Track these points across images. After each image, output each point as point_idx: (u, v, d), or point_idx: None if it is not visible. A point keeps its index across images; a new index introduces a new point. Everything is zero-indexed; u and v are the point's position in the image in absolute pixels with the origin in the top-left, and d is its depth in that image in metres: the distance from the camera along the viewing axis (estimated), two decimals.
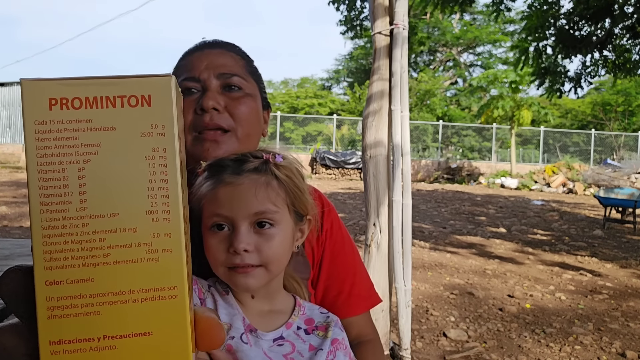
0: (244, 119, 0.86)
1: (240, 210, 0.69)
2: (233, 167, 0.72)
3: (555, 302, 3.66)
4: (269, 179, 0.72)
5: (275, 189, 0.72)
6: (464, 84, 31.86)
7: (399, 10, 2.45)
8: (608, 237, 6.74)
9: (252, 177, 0.71)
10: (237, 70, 0.88)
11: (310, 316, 0.77)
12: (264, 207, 0.70)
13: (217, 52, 0.89)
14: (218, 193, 0.71)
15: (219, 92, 0.85)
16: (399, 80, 2.43)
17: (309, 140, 21.92)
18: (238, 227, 0.69)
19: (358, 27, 8.76)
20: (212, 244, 0.71)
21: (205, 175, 0.74)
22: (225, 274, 0.71)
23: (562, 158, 19.54)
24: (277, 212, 0.72)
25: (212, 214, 0.71)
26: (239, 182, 0.70)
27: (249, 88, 0.89)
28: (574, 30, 7.59)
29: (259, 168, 0.72)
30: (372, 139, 2.53)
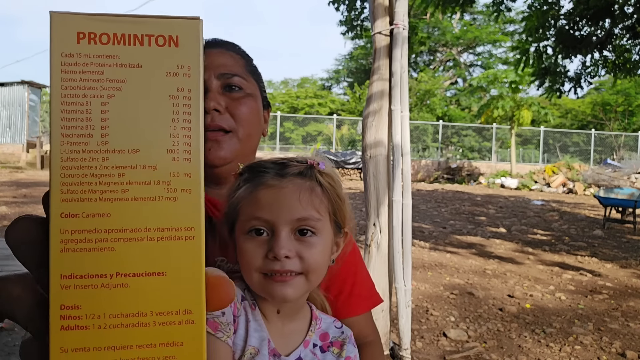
0: (245, 119, 0.85)
1: (283, 214, 0.66)
2: (276, 170, 0.69)
3: (555, 302, 3.66)
4: (313, 185, 0.69)
5: (319, 195, 0.69)
6: (464, 84, 31.86)
7: (399, 10, 2.45)
8: (608, 237, 6.74)
9: (296, 182, 0.68)
10: (237, 70, 0.87)
11: (325, 330, 0.75)
12: (307, 213, 0.67)
13: (217, 51, 0.88)
14: (259, 195, 0.67)
15: (219, 92, 0.85)
16: (399, 80, 2.43)
17: (309, 140, 21.92)
18: (279, 232, 0.66)
19: (358, 27, 8.77)
20: (249, 249, 0.67)
21: (244, 177, 0.71)
22: (260, 281, 0.67)
23: (562, 158, 19.54)
24: (320, 220, 0.69)
25: (250, 217, 0.67)
26: (283, 185, 0.67)
27: (249, 88, 0.88)
28: (574, 30, 7.59)
29: (304, 172, 0.70)
30: (372, 139, 2.53)
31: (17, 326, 2.70)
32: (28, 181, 10.79)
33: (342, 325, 0.78)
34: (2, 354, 2.38)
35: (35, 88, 17.37)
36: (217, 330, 0.63)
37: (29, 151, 16.45)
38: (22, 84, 16.88)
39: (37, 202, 7.48)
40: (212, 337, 0.63)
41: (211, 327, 0.63)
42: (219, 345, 0.63)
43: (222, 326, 0.64)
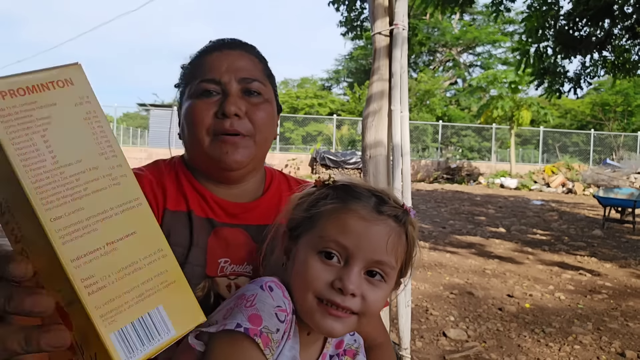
0: (263, 125, 0.85)
1: (365, 251, 0.64)
2: (374, 203, 0.66)
3: (554, 302, 3.67)
4: (401, 232, 0.67)
5: (403, 245, 0.68)
6: (463, 84, 31.87)
7: (398, 10, 2.46)
8: (607, 237, 6.75)
9: (390, 223, 0.66)
10: (256, 74, 0.87)
11: (341, 338, 0.75)
12: (387, 258, 0.65)
13: (237, 53, 0.87)
14: (349, 221, 0.65)
15: (239, 96, 0.84)
16: (399, 81, 2.44)
17: (309, 141, 21.92)
18: (352, 267, 0.64)
19: (358, 27, 8.77)
20: (316, 268, 0.64)
21: (335, 193, 0.69)
22: (313, 305, 0.64)
23: (562, 158, 19.55)
24: (394, 268, 0.67)
25: (330, 238, 0.65)
26: (376, 222, 0.65)
27: (267, 93, 0.87)
28: (573, 30, 7.60)
29: (399, 217, 0.67)
30: (372, 139, 2.54)
31: None
32: None
33: (354, 333, 0.77)
34: None
35: None
36: (266, 346, 0.60)
37: None
38: None
39: None
40: (259, 352, 0.59)
41: (263, 342, 0.59)
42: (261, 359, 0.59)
43: (272, 343, 0.61)
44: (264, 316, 0.61)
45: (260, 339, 0.59)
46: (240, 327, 0.58)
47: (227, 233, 0.84)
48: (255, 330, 0.59)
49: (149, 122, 22.43)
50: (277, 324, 0.62)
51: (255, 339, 0.58)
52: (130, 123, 33.71)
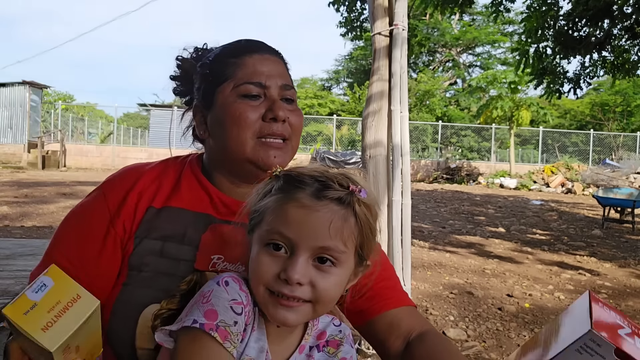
0: (298, 131, 0.90)
1: (307, 239, 0.63)
2: (314, 189, 0.65)
3: (554, 302, 3.67)
4: (347, 215, 0.65)
5: (351, 227, 0.66)
6: (463, 85, 31.88)
7: (398, 11, 2.46)
8: (607, 236, 6.75)
9: (332, 208, 0.64)
10: (291, 82, 0.91)
11: (323, 329, 0.74)
12: (332, 243, 0.64)
13: (275, 59, 0.90)
14: (289, 211, 0.64)
15: (281, 102, 0.87)
16: (399, 81, 2.45)
17: (309, 141, 21.92)
18: (297, 256, 0.63)
19: (358, 28, 8.78)
20: (263, 262, 0.65)
21: (279, 185, 0.68)
22: (265, 297, 0.65)
23: (561, 158, 19.56)
24: (344, 252, 0.65)
25: (274, 230, 0.65)
26: (316, 209, 0.64)
27: (296, 100, 0.91)
28: (573, 31, 7.61)
29: (342, 199, 0.65)
30: (372, 139, 2.54)
31: None
32: (29, 181, 10.80)
33: (340, 324, 0.76)
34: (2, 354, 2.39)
35: (36, 88, 17.37)
36: (225, 339, 0.61)
37: (30, 151, 16.45)
38: (24, 85, 16.88)
39: (38, 202, 7.49)
40: (219, 346, 0.61)
41: (221, 336, 0.61)
42: (224, 355, 0.61)
43: (232, 336, 0.62)
44: (219, 310, 0.62)
45: (217, 333, 0.60)
46: (196, 323, 0.61)
47: (225, 230, 0.85)
48: (210, 324, 0.61)
49: (149, 122, 22.43)
50: (234, 316, 0.63)
51: (211, 334, 0.60)
52: (131, 123, 33.70)
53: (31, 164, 15.77)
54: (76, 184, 10.60)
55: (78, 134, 23.04)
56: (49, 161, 16.24)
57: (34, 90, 17.15)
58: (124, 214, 0.84)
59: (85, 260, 0.81)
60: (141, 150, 18.93)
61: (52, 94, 33.48)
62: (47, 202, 7.53)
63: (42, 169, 15.49)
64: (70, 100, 34.47)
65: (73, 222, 0.86)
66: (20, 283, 1.19)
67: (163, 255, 0.82)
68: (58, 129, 18.05)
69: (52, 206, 7.11)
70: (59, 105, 22.61)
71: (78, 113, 28.07)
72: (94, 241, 0.82)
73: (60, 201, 7.67)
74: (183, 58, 0.98)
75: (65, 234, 0.85)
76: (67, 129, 21.00)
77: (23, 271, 1.31)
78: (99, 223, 0.83)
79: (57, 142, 17.38)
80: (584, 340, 0.45)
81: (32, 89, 17.00)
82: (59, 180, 11.41)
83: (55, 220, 5.96)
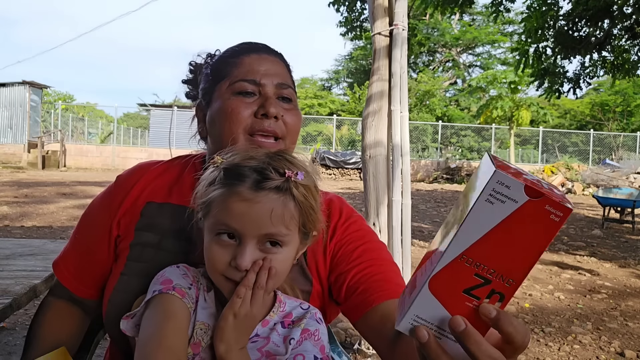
0: (293, 130, 0.89)
1: (252, 228, 0.68)
2: (253, 182, 0.68)
3: (554, 302, 3.67)
4: (286, 200, 0.69)
5: (291, 211, 0.70)
6: (463, 85, 31.88)
7: (398, 11, 2.46)
8: (607, 236, 6.75)
9: (271, 197, 0.68)
10: (289, 81, 0.91)
11: (289, 311, 0.77)
12: (276, 229, 0.69)
13: (273, 59, 0.91)
14: (231, 205, 0.68)
15: (276, 100, 0.88)
16: (399, 81, 2.45)
17: (309, 141, 21.92)
18: (245, 244, 0.68)
19: (358, 28, 8.78)
20: (215, 251, 0.70)
21: (220, 177, 0.71)
22: (222, 283, 0.70)
23: (561, 158, 19.56)
24: (288, 234, 0.70)
25: (220, 222, 0.69)
26: (257, 200, 0.68)
27: (295, 100, 0.92)
28: (573, 31, 7.61)
29: (280, 187, 0.69)
30: (372, 139, 2.54)
31: (17, 325, 2.71)
32: (29, 181, 10.80)
33: (309, 307, 0.78)
34: (3, 353, 2.39)
35: (36, 88, 17.37)
36: (183, 297, 0.71)
37: (30, 151, 16.45)
38: (24, 85, 16.88)
39: (38, 202, 7.49)
40: (178, 299, 0.70)
41: (178, 293, 0.71)
42: (184, 309, 0.70)
43: (188, 296, 0.71)
44: (174, 278, 0.72)
45: (174, 291, 0.70)
46: (155, 292, 0.71)
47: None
48: (168, 287, 0.71)
49: (149, 122, 22.43)
50: (187, 283, 0.73)
51: (169, 293, 0.70)
52: (131, 123, 33.72)
53: (31, 164, 15.77)
54: (76, 184, 10.60)
55: (78, 134, 23.05)
56: (49, 161, 16.25)
57: (34, 90, 17.15)
58: (126, 207, 0.90)
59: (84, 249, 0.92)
60: (141, 150, 18.93)
61: (52, 94, 33.50)
62: (47, 202, 7.53)
63: (42, 169, 15.49)
64: (70, 100, 34.49)
65: (84, 212, 0.96)
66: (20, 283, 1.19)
67: (162, 248, 0.86)
68: (58, 129, 18.05)
69: (52, 206, 7.11)
70: (59, 105, 22.61)
71: (78, 113, 28.08)
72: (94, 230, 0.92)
73: (60, 201, 7.67)
74: (196, 63, 1.01)
75: (77, 224, 0.97)
76: (67, 129, 21.00)
77: (23, 271, 1.30)
78: (101, 215, 0.92)
79: (57, 142, 17.38)
80: (492, 187, 0.42)
81: (32, 89, 17.00)
82: (59, 180, 11.41)
83: (55, 220, 5.96)
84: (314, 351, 0.72)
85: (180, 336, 0.69)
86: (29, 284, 1.20)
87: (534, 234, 0.43)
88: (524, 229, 0.43)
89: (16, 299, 1.09)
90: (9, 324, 2.70)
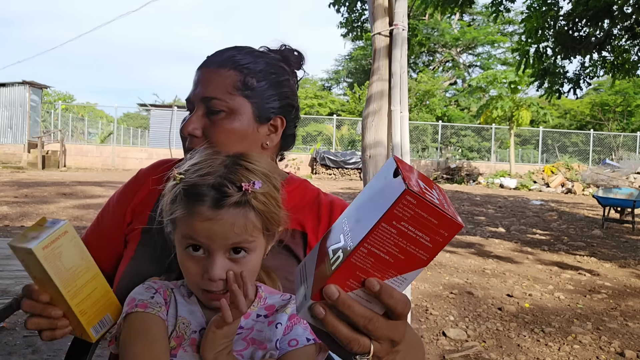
0: (222, 142, 0.86)
1: (218, 242, 0.71)
2: (212, 200, 0.71)
3: (554, 302, 3.67)
4: (247, 212, 0.72)
5: (253, 220, 0.73)
6: (463, 85, 31.88)
7: (398, 10, 2.46)
8: (607, 236, 6.75)
9: (232, 212, 0.71)
10: (217, 92, 0.87)
11: (271, 303, 0.79)
12: (240, 239, 0.72)
13: (208, 70, 0.90)
14: (195, 225, 0.71)
15: (202, 115, 0.88)
16: (399, 81, 2.45)
17: (309, 141, 21.92)
18: (214, 257, 0.71)
19: (358, 28, 8.79)
20: (188, 266, 0.73)
21: (181, 197, 0.73)
22: (199, 294, 0.75)
23: (561, 158, 19.56)
24: (254, 241, 0.74)
25: (187, 237, 0.72)
26: (218, 218, 0.71)
27: (233, 107, 0.88)
28: (573, 31, 7.61)
29: (239, 202, 0.72)
30: (372, 139, 2.54)
31: (18, 325, 2.71)
32: (29, 181, 10.80)
33: (290, 296, 0.80)
34: (3, 353, 2.39)
35: (36, 88, 17.37)
36: (146, 308, 0.74)
37: (30, 151, 16.45)
38: (24, 85, 16.88)
39: (37, 202, 7.49)
40: (142, 313, 0.73)
41: (140, 307, 0.74)
42: (150, 317, 0.73)
43: (151, 304, 0.74)
44: (136, 296, 0.76)
45: (137, 308, 0.74)
46: (124, 313, 0.75)
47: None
48: (132, 306, 0.75)
49: (149, 122, 22.43)
50: (150, 294, 0.77)
51: (134, 310, 0.74)
52: (131, 123, 33.71)
53: (31, 164, 15.77)
54: (76, 184, 10.60)
55: (78, 134, 23.05)
56: (49, 161, 16.25)
57: (34, 90, 17.15)
58: (141, 197, 0.97)
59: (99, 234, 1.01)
60: (141, 150, 18.93)
61: (52, 94, 33.50)
62: (47, 202, 7.53)
63: (42, 169, 15.49)
64: (70, 100, 34.48)
65: (106, 203, 1.04)
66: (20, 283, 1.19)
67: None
68: (58, 129, 18.05)
69: (52, 206, 7.11)
70: (59, 105, 22.61)
71: (78, 113, 28.07)
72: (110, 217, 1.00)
73: (60, 201, 7.67)
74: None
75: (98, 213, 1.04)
76: (67, 129, 21.00)
77: (23, 271, 1.30)
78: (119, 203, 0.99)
79: (57, 142, 17.39)
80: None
81: (32, 89, 17.00)
82: (59, 180, 11.41)
83: None
84: (305, 334, 0.75)
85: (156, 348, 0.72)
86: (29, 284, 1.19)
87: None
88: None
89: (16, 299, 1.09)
90: (9, 324, 2.70)
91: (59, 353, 2.41)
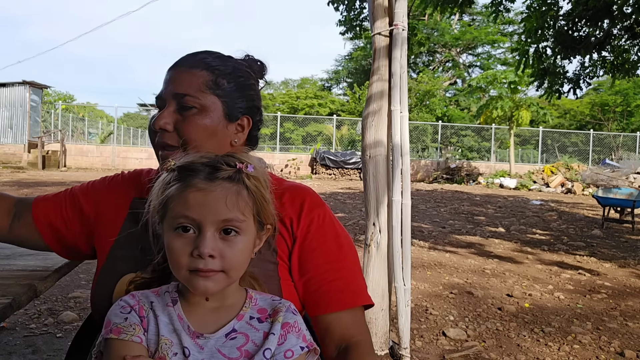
0: (193, 138, 0.89)
1: (210, 215, 0.72)
2: (206, 173, 0.74)
3: (554, 302, 3.67)
4: (239, 189, 0.74)
5: (245, 198, 0.75)
6: (463, 85, 31.88)
7: (398, 11, 2.47)
8: (606, 236, 6.75)
9: (225, 185, 0.73)
10: (190, 89, 0.91)
11: (262, 306, 0.79)
12: (232, 215, 0.73)
13: (180, 70, 0.94)
14: (188, 197, 0.72)
15: (173, 111, 0.91)
16: (399, 81, 2.45)
17: (309, 141, 21.93)
18: (205, 232, 0.72)
19: (357, 27, 8.78)
20: (177, 246, 0.73)
21: (175, 176, 0.76)
22: (186, 277, 0.73)
23: (561, 158, 19.56)
24: (244, 221, 0.74)
25: (179, 215, 0.73)
26: (212, 189, 0.73)
27: (205, 103, 0.91)
28: (572, 31, 7.61)
29: (232, 177, 0.74)
30: (372, 139, 2.54)
31: (18, 325, 2.71)
32: (29, 181, 10.79)
33: (280, 299, 0.81)
34: (3, 353, 2.39)
35: (36, 88, 17.37)
36: (120, 333, 0.72)
37: (30, 151, 16.45)
38: (24, 85, 16.88)
39: None
40: (116, 340, 0.72)
41: (115, 333, 0.72)
42: (125, 345, 0.72)
43: (125, 328, 0.72)
44: (112, 319, 0.74)
45: (111, 334, 0.72)
46: (101, 337, 0.74)
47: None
48: (107, 331, 0.73)
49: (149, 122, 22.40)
50: (123, 316, 0.74)
51: (108, 336, 0.73)
52: (131, 123, 33.69)
53: (31, 164, 15.77)
54: (76, 184, 10.60)
55: (78, 134, 23.05)
56: (49, 161, 16.25)
57: (34, 90, 17.15)
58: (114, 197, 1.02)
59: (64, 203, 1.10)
60: (141, 150, 18.92)
61: (52, 94, 33.50)
62: None
63: (42, 169, 15.49)
64: (70, 100, 34.48)
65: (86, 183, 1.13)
66: (20, 283, 1.19)
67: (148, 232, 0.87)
68: (58, 129, 18.05)
69: None
70: (59, 105, 22.61)
71: (78, 113, 28.06)
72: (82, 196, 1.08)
73: None
74: None
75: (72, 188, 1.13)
76: (67, 129, 21.00)
77: (23, 271, 1.30)
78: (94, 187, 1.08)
79: (57, 142, 17.38)
80: None
81: (32, 89, 17.00)
82: (59, 180, 11.41)
83: None
84: (299, 342, 0.75)
85: None
86: (29, 284, 1.19)
87: None
88: None
89: (16, 299, 1.09)
90: (9, 324, 2.70)
91: (59, 353, 2.42)
